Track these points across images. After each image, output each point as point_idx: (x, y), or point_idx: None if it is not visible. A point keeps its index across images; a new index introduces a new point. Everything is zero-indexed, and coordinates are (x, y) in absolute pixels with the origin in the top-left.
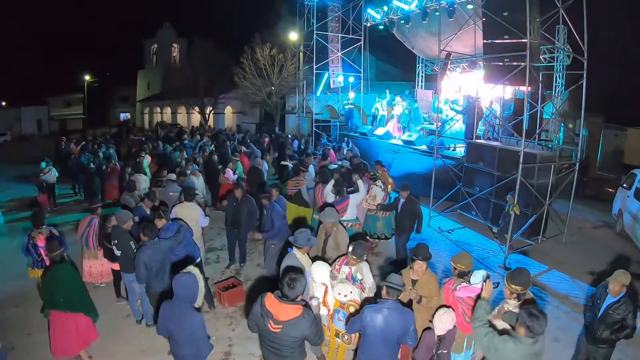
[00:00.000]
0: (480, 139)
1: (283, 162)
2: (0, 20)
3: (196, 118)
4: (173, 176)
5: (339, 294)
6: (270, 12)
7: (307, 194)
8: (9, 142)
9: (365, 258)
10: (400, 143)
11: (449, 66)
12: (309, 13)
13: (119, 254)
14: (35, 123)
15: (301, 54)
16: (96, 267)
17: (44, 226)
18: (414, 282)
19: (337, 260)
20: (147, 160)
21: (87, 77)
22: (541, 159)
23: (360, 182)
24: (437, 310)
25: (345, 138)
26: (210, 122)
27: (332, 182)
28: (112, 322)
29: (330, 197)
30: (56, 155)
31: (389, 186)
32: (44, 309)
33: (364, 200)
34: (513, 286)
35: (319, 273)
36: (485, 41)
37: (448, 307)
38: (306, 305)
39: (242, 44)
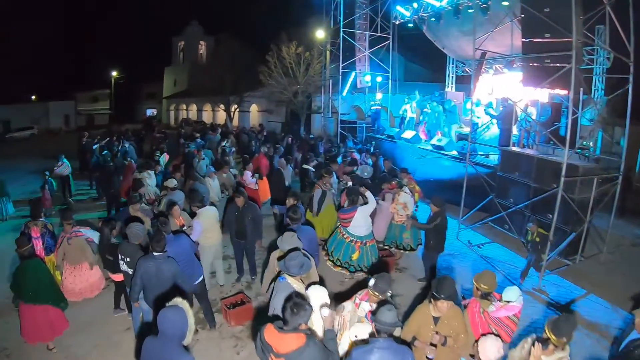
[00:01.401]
0: (514, 146)
1: (305, 166)
2: (31, 16)
3: (221, 116)
4: (173, 182)
5: (356, 336)
6: (296, 10)
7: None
8: (35, 135)
9: (389, 294)
10: (429, 148)
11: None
12: (336, 10)
13: (130, 272)
14: (62, 118)
15: (328, 52)
16: (81, 283)
17: (41, 219)
18: (435, 319)
19: (358, 294)
20: (163, 158)
21: (114, 73)
22: (584, 172)
23: (369, 194)
24: (476, 341)
25: (373, 142)
26: (236, 121)
27: (348, 186)
28: (111, 335)
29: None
30: (78, 150)
31: (416, 194)
32: (14, 299)
33: (391, 207)
34: (558, 339)
35: (316, 296)
36: (523, 40)
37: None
38: (311, 334)
39: (268, 41)
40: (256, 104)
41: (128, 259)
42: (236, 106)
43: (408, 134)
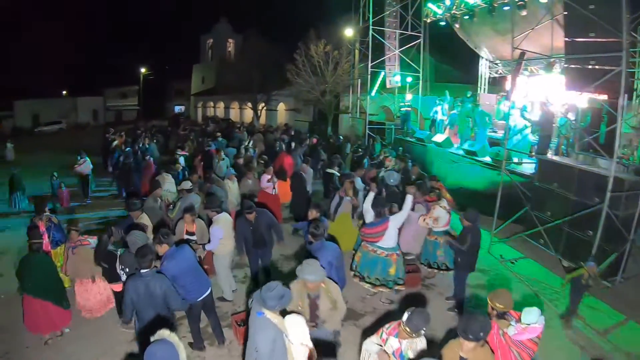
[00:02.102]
0: (551, 154)
1: (329, 170)
2: (63, 12)
3: (249, 114)
4: (188, 184)
5: None
6: (325, 7)
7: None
8: (63, 130)
9: (424, 333)
10: (461, 153)
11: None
12: (365, 8)
13: None
14: (91, 113)
15: (356, 51)
16: (95, 299)
17: (45, 213)
18: None
19: (385, 327)
20: (183, 158)
21: (142, 70)
22: (630, 186)
23: (409, 198)
24: None
25: (400, 147)
26: (263, 119)
27: (370, 196)
28: (115, 347)
29: (369, 215)
30: (102, 146)
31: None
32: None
33: (421, 219)
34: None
35: (295, 331)
36: (566, 39)
37: None
38: None
39: (296, 40)
40: (284, 102)
41: (127, 269)
42: (263, 104)
43: (439, 138)
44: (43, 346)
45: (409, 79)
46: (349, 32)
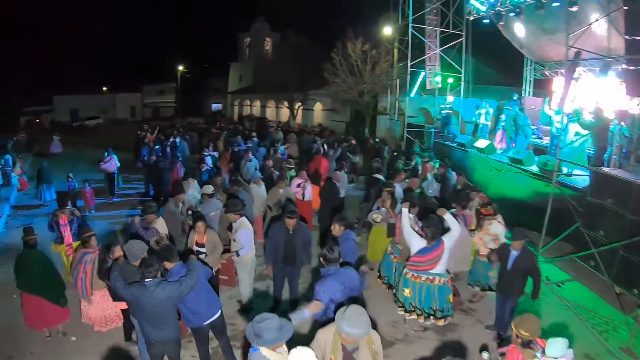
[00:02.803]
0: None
1: (376, 176)
2: (106, 10)
3: (285, 113)
4: (210, 189)
5: None
6: (363, 5)
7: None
8: (101, 125)
9: None
10: (505, 160)
11: (559, 72)
12: (405, 4)
13: None
14: (128, 109)
15: (395, 50)
16: (95, 312)
17: (68, 207)
18: None
19: None
20: (210, 159)
21: (180, 67)
22: None
23: (448, 217)
24: None
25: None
26: (299, 119)
27: (405, 212)
28: None
29: (415, 240)
30: (134, 142)
31: None
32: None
33: (476, 236)
34: None
35: None
36: (626, 37)
37: None
38: None
39: (334, 38)
40: (321, 102)
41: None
42: (300, 104)
43: (481, 143)
44: (47, 352)
45: (450, 80)
46: (387, 30)
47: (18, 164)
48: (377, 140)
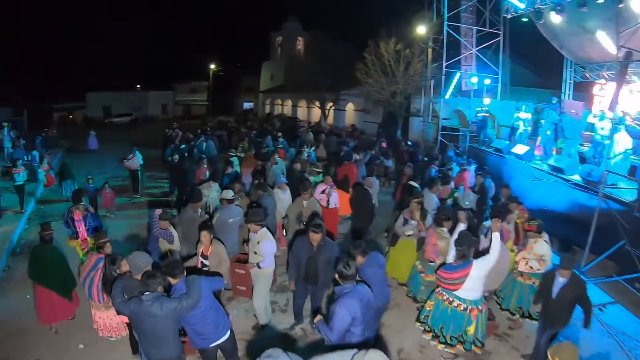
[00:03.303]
0: None
1: (411, 183)
2: (140, 10)
3: (316, 113)
4: (229, 194)
5: None
6: (396, 3)
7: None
8: (133, 122)
9: None
10: (545, 168)
11: (601, 74)
12: (439, 2)
13: None
14: (160, 106)
15: (429, 49)
16: (104, 319)
17: (82, 203)
18: None
19: None
20: (236, 160)
21: (212, 66)
22: None
23: (495, 237)
24: None
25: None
26: (330, 119)
27: (459, 228)
28: None
29: (452, 254)
30: (162, 140)
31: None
32: None
33: (519, 256)
34: None
35: None
36: None
37: None
38: None
39: (366, 37)
40: (353, 102)
41: (127, 297)
42: (331, 104)
43: (520, 149)
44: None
45: (487, 81)
46: (421, 29)
47: (46, 159)
48: (410, 143)
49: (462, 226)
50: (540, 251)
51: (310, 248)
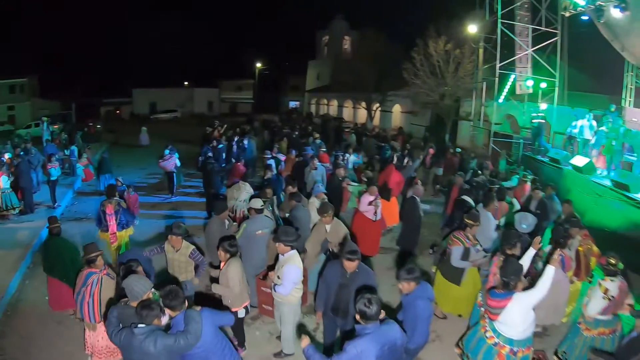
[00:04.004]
0: None
1: (465, 198)
2: (188, 8)
3: (362, 114)
4: (258, 203)
5: None
6: (446, 0)
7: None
8: (178, 118)
9: None
10: (608, 183)
11: None
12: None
13: None
14: (206, 103)
15: (480, 50)
16: (100, 341)
17: (114, 198)
18: None
19: None
20: (274, 162)
21: (258, 65)
22: None
23: (550, 271)
24: None
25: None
26: (377, 120)
27: (530, 253)
28: None
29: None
30: (202, 138)
31: (592, 259)
32: None
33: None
34: None
35: None
36: None
37: None
38: None
39: (414, 36)
40: (399, 104)
41: (121, 326)
42: (378, 105)
43: (579, 161)
44: None
45: (543, 85)
46: (472, 28)
47: (85, 155)
48: (459, 149)
49: (531, 252)
50: (612, 286)
51: (342, 274)
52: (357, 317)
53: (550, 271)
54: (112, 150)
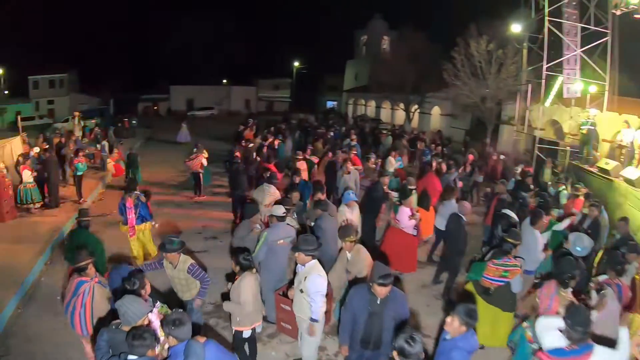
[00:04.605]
0: None
1: (506, 212)
2: (225, 5)
3: (400, 116)
4: (280, 210)
5: None
6: None
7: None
8: (214, 115)
9: None
10: None
11: None
12: None
13: None
14: (243, 101)
15: (524, 50)
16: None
17: (134, 192)
18: None
19: None
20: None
21: (296, 64)
22: None
23: (624, 335)
24: None
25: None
26: (415, 122)
27: (568, 293)
28: None
29: (550, 336)
30: (234, 136)
31: None
32: None
33: (635, 344)
34: None
35: None
36: None
37: None
38: None
39: (455, 36)
40: (439, 106)
41: (110, 353)
42: (416, 107)
43: (632, 173)
44: None
45: (593, 89)
46: (516, 27)
47: (115, 150)
48: (502, 156)
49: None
50: None
51: (372, 301)
52: (395, 353)
53: (625, 336)
54: (146, 146)
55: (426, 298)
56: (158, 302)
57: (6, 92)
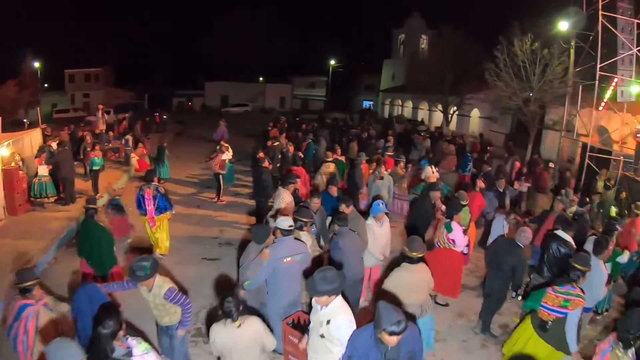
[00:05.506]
0: None
1: (559, 233)
2: (262, 4)
3: (438, 117)
4: (287, 222)
5: None
6: None
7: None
8: (248, 113)
9: None
10: None
11: None
12: None
13: None
14: (278, 99)
15: (572, 49)
16: None
17: (152, 183)
18: None
19: None
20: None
21: (332, 62)
22: None
23: None
24: None
25: None
26: (453, 125)
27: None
28: None
29: None
30: (261, 134)
31: None
32: None
33: None
34: None
35: None
36: None
37: None
38: None
39: (497, 34)
40: (478, 108)
41: None
42: (455, 108)
43: None
44: None
45: None
46: (563, 25)
47: (140, 144)
48: (550, 165)
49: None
50: None
51: (381, 350)
52: None
53: None
54: (175, 142)
55: (464, 333)
56: (134, 341)
57: (45, 85)
